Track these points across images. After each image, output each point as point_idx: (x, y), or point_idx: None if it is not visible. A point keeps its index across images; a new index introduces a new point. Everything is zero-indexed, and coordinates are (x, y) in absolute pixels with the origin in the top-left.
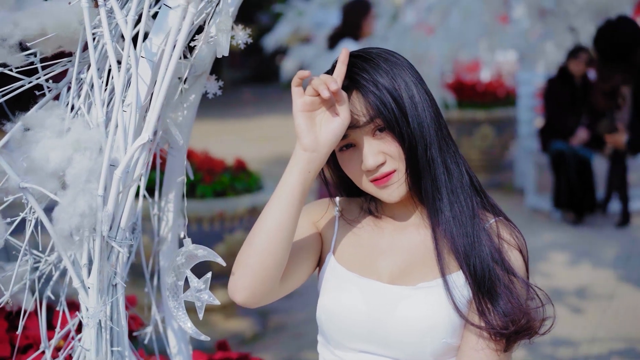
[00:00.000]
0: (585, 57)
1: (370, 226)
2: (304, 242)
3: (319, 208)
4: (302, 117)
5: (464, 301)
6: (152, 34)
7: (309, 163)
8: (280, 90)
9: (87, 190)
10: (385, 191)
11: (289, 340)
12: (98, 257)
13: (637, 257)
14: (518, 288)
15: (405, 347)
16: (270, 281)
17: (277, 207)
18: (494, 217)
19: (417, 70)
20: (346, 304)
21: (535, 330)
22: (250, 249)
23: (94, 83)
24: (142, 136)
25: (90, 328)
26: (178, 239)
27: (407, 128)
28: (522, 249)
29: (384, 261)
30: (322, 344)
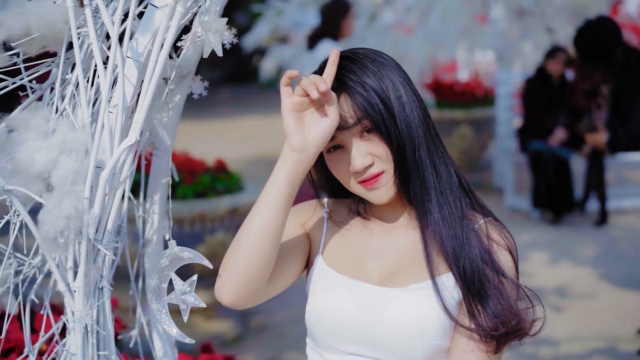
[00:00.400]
0: (563, 58)
1: (359, 227)
2: (292, 244)
3: (307, 209)
4: (290, 117)
5: (454, 303)
6: (138, 34)
7: (297, 163)
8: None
9: (73, 193)
10: (374, 193)
11: (270, 341)
12: (84, 260)
13: (615, 256)
14: (508, 289)
15: (395, 350)
16: (258, 283)
17: (264, 208)
18: (483, 218)
19: (404, 70)
20: (335, 306)
21: (526, 331)
22: (237, 250)
23: (80, 83)
24: (130, 137)
25: (77, 332)
26: (163, 240)
27: (394, 129)
28: (512, 250)
29: (373, 263)
30: (310, 347)
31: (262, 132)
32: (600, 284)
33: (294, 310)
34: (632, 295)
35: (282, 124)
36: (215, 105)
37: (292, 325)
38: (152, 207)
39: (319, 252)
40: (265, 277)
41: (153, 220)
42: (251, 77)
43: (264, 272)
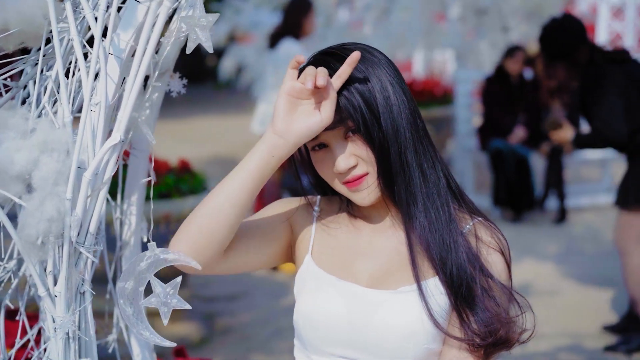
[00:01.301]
0: (522, 57)
1: (348, 227)
2: (265, 232)
3: (302, 207)
4: (285, 99)
5: (440, 310)
6: (120, 29)
7: (274, 147)
8: (214, 90)
9: (55, 194)
10: (357, 194)
11: (236, 343)
12: (66, 264)
13: (576, 253)
14: (497, 295)
15: (385, 353)
16: (209, 252)
17: (231, 183)
18: (472, 220)
19: (396, 67)
20: (325, 308)
21: (514, 341)
22: (195, 216)
23: (60, 80)
24: (114, 136)
25: (59, 339)
26: (141, 242)
27: (377, 131)
28: (504, 250)
29: (363, 264)
30: (298, 349)
31: (218, 132)
32: (563, 281)
33: (259, 311)
34: (595, 291)
35: (275, 102)
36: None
37: (258, 326)
38: (130, 208)
39: (309, 252)
40: (217, 249)
41: (130, 222)
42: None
43: (216, 244)
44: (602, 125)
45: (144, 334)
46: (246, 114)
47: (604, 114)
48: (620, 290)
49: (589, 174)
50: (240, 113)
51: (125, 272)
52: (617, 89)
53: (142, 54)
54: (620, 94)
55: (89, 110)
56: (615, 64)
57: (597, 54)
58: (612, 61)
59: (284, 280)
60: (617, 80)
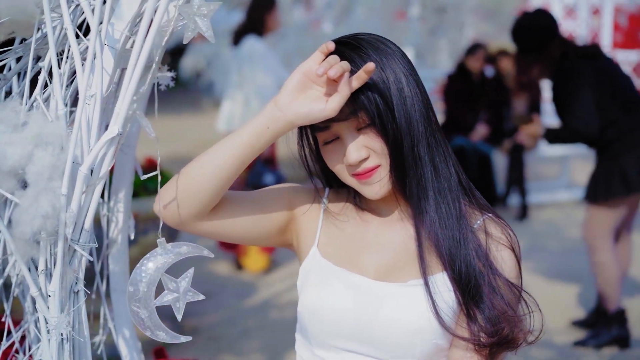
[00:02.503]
0: (482, 54)
1: (355, 220)
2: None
3: (307, 195)
4: (298, 77)
5: (446, 306)
6: (114, 19)
7: (270, 118)
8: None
9: (50, 189)
10: (368, 188)
11: (205, 343)
12: (60, 262)
13: (538, 250)
14: (506, 293)
15: (392, 348)
16: (193, 209)
17: (223, 147)
18: (482, 216)
19: (409, 60)
20: (331, 301)
21: (519, 341)
22: (185, 172)
23: (53, 71)
24: (111, 129)
25: (53, 340)
26: (128, 240)
27: (392, 124)
28: (515, 247)
29: (370, 256)
30: (301, 343)
31: (176, 131)
32: (529, 278)
33: (227, 312)
34: (560, 287)
35: (289, 76)
36: None
37: (226, 326)
38: (117, 205)
39: (315, 243)
40: (201, 208)
41: (118, 220)
42: None
43: (199, 204)
44: (574, 120)
45: (160, 334)
46: (203, 114)
47: (576, 109)
48: (585, 286)
49: (548, 171)
50: (197, 112)
51: (133, 275)
52: (589, 85)
53: (141, 44)
54: (592, 90)
55: (85, 103)
56: (587, 59)
57: (569, 49)
58: (584, 56)
59: (250, 280)
60: (588, 75)
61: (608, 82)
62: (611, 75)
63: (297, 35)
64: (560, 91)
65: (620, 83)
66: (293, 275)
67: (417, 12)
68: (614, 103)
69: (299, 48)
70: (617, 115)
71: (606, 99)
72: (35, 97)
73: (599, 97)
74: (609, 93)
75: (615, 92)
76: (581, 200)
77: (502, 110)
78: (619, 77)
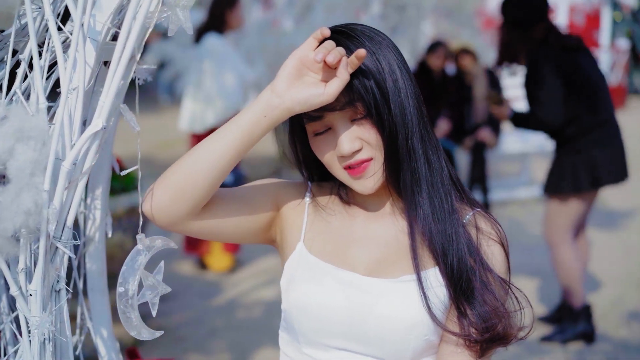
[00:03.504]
0: (443, 52)
1: (342, 214)
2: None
3: (291, 189)
4: (294, 63)
5: (438, 302)
6: (96, 10)
7: (268, 106)
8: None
9: (32, 185)
10: (360, 182)
11: (170, 344)
12: (42, 260)
13: None
14: (496, 289)
15: (387, 345)
16: (184, 206)
17: (219, 137)
18: (472, 210)
19: (400, 51)
20: (322, 298)
21: (511, 337)
22: (177, 166)
23: (34, 64)
24: (95, 123)
25: (35, 341)
26: (105, 238)
27: (388, 115)
28: (504, 242)
29: (358, 251)
30: (286, 342)
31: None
32: None
33: (192, 312)
34: (523, 283)
35: (284, 63)
36: None
37: (192, 326)
38: (94, 202)
39: (301, 239)
40: (193, 205)
41: (95, 217)
42: None
43: (192, 200)
44: (540, 107)
45: (143, 332)
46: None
47: (543, 97)
48: (547, 282)
49: (509, 168)
50: (155, 112)
51: (122, 276)
52: (562, 75)
53: (126, 36)
54: (564, 81)
55: (67, 97)
56: (567, 51)
57: (553, 36)
58: (564, 47)
59: (214, 280)
60: (564, 66)
61: (581, 78)
62: (586, 72)
63: (258, 33)
64: (533, 77)
65: (594, 82)
66: (258, 274)
67: (378, 9)
68: (582, 99)
69: (260, 46)
70: (581, 113)
71: (574, 94)
72: (14, 91)
73: (568, 91)
74: (579, 88)
75: (586, 89)
76: (541, 197)
77: (464, 108)
78: (594, 75)
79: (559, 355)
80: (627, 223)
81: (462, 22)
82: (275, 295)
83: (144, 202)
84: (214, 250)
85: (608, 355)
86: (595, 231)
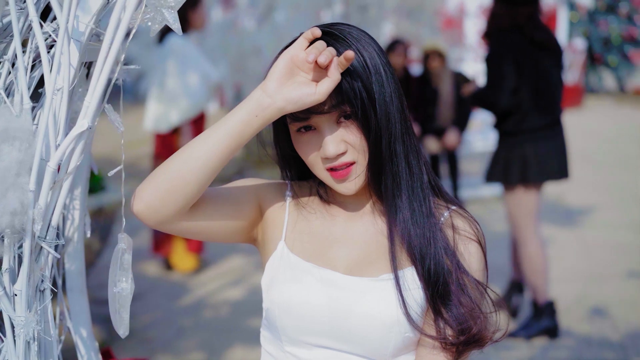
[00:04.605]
0: (403, 50)
1: (322, 213)
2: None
3: (272, 189)
4: (285, 63)
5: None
6: (79, 11)
7: (260, 106)
8: None
9: (17, 185)
10: (343, 185)
11: (138, 345)
12: (27, 260)
13: None
14: (472, 292)
15: (368, 342)
16: (173, 205)
17: (209, 136)
18: (448, 209)
19: (384, 51)
20: (304, 297)
21: (486, 340)
22: (167, 166)
23: (19, 64)
24: (80, 123)
25: (21, 341)
26: (84, 238)
27: (374, 119)
28: (481, 240)
29: (339, 251)
30: (268, 341)
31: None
32: None
33: (158, 313)
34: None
35: (275, 62)
36: None
37: (159, 327)
38: (73, 202)
39: (282, 238)
40: (183, 204)
41: (74, 217)
42: None
43: (182, 199)
44: (488, 87)
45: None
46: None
47: (493, 78)
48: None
49: (471, 167)
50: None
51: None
52: (517, 67)
53: (112, 37)
54: (518, 72)
55: (52, 96)
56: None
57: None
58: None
59: (180, 281)
60: (522, 59)
61: (536, 75)
62: (543, 71)
63: (220, 34)
64: (492, 57)
65: (548, 82)
66: (223, 274)
67: (340, 9)
68: (531, 96)
69: (223, 46)
70: (528, 110)
71: (525, 89)
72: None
73: (519, 83)
74: (531, 85)
75: (538, 87)
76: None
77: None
78: (552, 76)
79: (524, 351)
80: (586, 220)
81: (422, 22)
82: (242, 295)
83: (133, 202)
84: (178, 251)
85: (571, 351)
86: (556, 229)
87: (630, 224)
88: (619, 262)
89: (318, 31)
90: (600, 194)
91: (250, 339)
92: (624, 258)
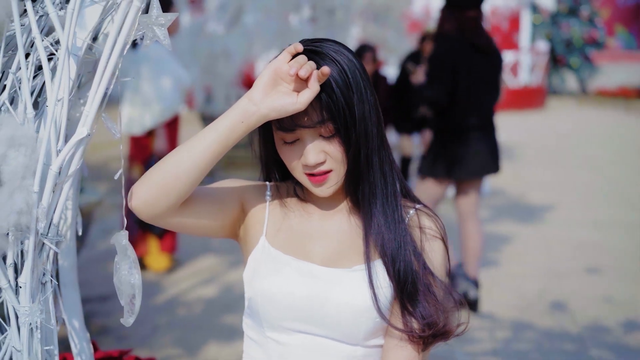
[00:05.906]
0: (371, 56)
1: (299, 211)
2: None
3: (254, 188)
4: (270, 74)
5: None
6: (77, 29)
7: (245, 113)
8: None
9: (23, 187)
10: (320, 188)
11: (115, 342)
12: (32, 256)
13: None
14: (437, 290)
15: (342, 328)
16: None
17: (197, 142)
18: (413, 207)
19: (362, 63)
20: (285, 287)
21: (451, 333)
22: (159, 167)
23: (22, 76)
24: (80, 131)
25: (26, 329)
26: (76, 236)
27: (354, 134)
28: (444, 236)
29: (316, 245)
30: (250, 327)
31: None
32: None
33: None
34: None
35: (261, 73)
36: None
37: (134, 325)
38: (66, 202)
39: (263, 234)
40: (174, 202)
41: (66, 216)
42: None
43: (173, 198)
44: (427, 86)
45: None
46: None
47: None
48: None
49: None
50: None
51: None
52: (453, 71)
53: (110, 51)
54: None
55: (54, 107)
56: (474, 50)
57: (470, 31)
58: (472, 45)
59: (154, 279)
60: (459, 64)
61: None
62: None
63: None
64: (435, 59)
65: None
66: (196, 273)
67: (308, 13)
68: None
69: (193, 50)
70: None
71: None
72: (3, 102)
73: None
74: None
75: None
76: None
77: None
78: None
79: (487, 344)
80: (548, 218)
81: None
82: (215, 293)
83: (131, 199)
84: (152, 251)
85: (533, 343)
86: (518, 226)
87: (590, 222)
88: (578, 259)
89: (300, 46)
90: (562, 192)
91: (223, 335)
92: (583, 255)
